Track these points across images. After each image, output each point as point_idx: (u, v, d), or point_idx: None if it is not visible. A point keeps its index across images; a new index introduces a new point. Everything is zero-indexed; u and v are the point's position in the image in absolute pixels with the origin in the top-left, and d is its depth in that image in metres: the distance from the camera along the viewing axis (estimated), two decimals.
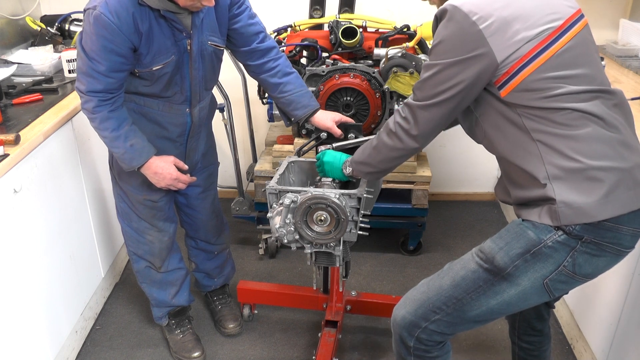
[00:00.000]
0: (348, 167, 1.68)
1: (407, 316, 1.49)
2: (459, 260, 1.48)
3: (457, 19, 1.29)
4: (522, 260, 1.34)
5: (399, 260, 2.90)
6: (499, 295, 1.39)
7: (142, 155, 1.84)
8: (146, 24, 1.67)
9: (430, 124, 1.41)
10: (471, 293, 1.41)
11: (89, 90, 1.72)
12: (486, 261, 1.39)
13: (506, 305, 1.40)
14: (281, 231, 1.67)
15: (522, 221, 1.37)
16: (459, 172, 3.40)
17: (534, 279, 1.35)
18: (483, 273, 1.39)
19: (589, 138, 1.29)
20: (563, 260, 1.32)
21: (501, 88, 1.31)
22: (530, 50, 1.27)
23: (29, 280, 1.91)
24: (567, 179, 1.29)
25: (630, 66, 2.63)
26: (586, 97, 1.30)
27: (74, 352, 2.28)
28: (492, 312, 1.42)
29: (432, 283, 1.49)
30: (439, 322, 1.45)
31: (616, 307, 1.91)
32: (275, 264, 2.90)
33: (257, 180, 2.70)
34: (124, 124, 1.79)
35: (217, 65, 1.95)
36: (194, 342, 2.30)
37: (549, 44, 1.28)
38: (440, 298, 1.44)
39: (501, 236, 1.40)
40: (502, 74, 1.30)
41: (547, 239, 1.31)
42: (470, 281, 1.41)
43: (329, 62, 2.46)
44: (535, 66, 1.28)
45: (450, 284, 1.44)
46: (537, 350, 1.82)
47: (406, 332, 1.49)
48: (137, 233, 2.13)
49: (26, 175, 1.88)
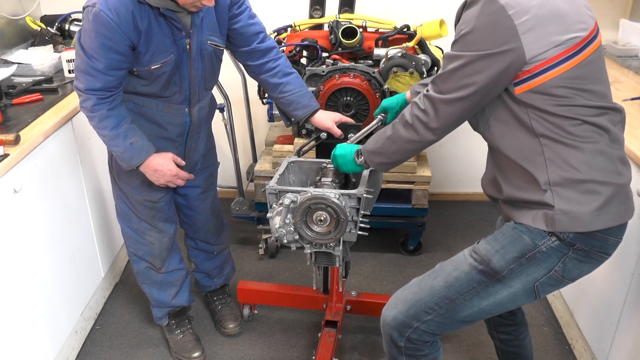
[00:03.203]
0: (360, 156, 1.61)
1: (398, 316, 1.50)
2: (450, 260, 1.49)
3: (492, 10, 1.25)
4: (518, 264, 1.38)
5: (399, 260, 2.90)
6: (491, 297, 1.42)
7: (142, 154, 1.84)
8: (145, 22, 1.67)
9: (452, 118, 1.37)
10: (464, 294, 1.43)
11: (88, 89, 1.72)
12: (481, 262, 1.41)
13: (496, 306, 1.44)
14: (281, 231, 1.67)
15: (515, 225, 1.40)
16: (459, 172, 3.40)
17: (526, 281, 1.39)
18: (477, 275, 1.41)
19: (595, 152, 1.32)
20: (555, 265, 1.38)
21: (517, 85, 1.30)
22: (557, 55, 1.26)
23: (29, 281, 1.91)
24: (567, 188, 1.32)
25: (630, 66, 2.63)
26: (597, 112, 1.32)
27: (74, 352, 2.29)
28: (482, 312, 1.45)
29: (423, 283, 1.50)
30: (430, 322, 1.47)
31: (616, 307, 1.91)
32: (275, 264, 2.90)
33: (257, 180, 2.70)
34: (123, 122, 1.79)
35: (217, 65, 1.95)
36: (194, 342, 2.30)
37: (575, 52, 1.27)
38: (433, 298, 1.46)
39: (496, 239, 1.42)
40: (523, 71, 1.28)
41: (542, 244, 1.36)
42: (464, 282, 1.43)
43: (329, 62, 2.46)
44: (559, 72, 1.27)
45: (443, 284, 1.45)
46: (516, 339, 1.84)
47: (397, 333, 1.50)
48: (137, 234, 2.13)
49: (26, 175, 1.88)
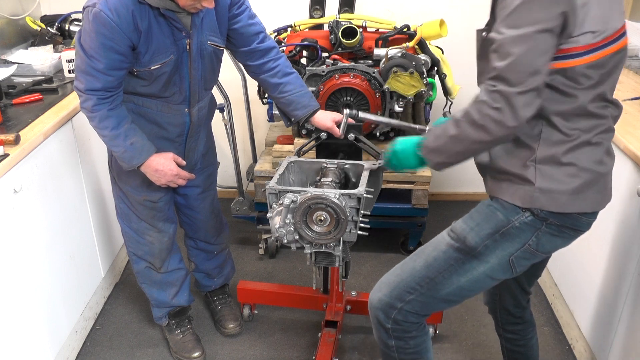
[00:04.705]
0: (422, 150, 1.46)
1: (383, 298, 1.54)
2: (430, 242, 1.54)
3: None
4: (492, 240, 1.42)
5: (399, 260, 2.83)
6: (468, 273, 1.46)
7: (143, 154, 1.84)
8: (145, 22, 1.67)
9: (531, 109, 1.25)
10: (443, 272, 1.47)
11: (88, 89, 1.71)
12: (457, 240, 1.46)
13: (474, 282, 1.47)
14: (281, 231, 1.67)
15: (490, 202, 1.45)
16: (459, 172, 3.37)
17: (501, 256, 1.43)
18: (454, 252, 1.46)
19: (588, 142, 1.35)
20: (528, 239, 1.41)
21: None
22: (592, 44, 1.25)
23: (29, 280, 1.91)
24: (550, 167, 1.35)
25: (630, 66, 2.63)
26: (604, 105, 1.35)
27: (74, 352, 2.29)
28: (462, 289, 1.49)
29: (405, 266, 1.55)
30: (414, 302, 1.51)
31: (616, 307, 1.91)
32: (275, 264, 2.90)
33: (257, 180, 2.70)
34: (123, 122, 1.79)
35: (217, 65, 1.95)
36: (194, 342, 2.29)
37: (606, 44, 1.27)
38: (414, 279, 1.50)
39: (472, 217, 1.47)
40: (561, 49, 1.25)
41: (515, 220, 1.40)
42: (442, 261, 1.47)
43: (329, 62, 2.46)
44: (586, 60, 1.26)
45: (423, 264, 1.50)
46: (523, 339, 1.86)
47: (383, 314, 1.54)
48: (136, 234, 2.13)
49: (26, 175, 1.88)
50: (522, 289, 1.75)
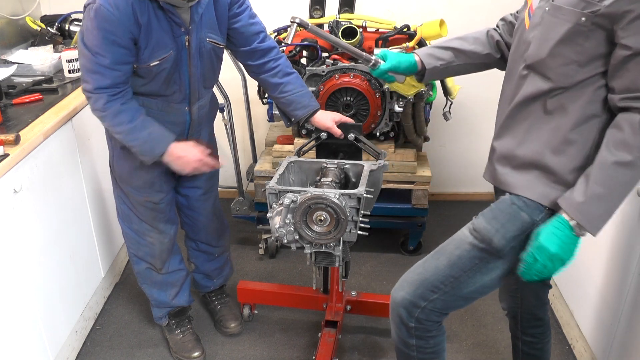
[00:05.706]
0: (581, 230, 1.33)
1: (406, 297, 1.52)
2: (451, 239, 1.52)
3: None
4: (518, 242, 1.42)
5: (399, 260, 2.90)
6: (492, 272, 1.46)
7: (163, 141, 1.81)
8: (145, 16, 1.67)
9: None
10: (467, 271, 1.46)
11: (97, 87, 1.70)
12: (482, 241, 1.44)
13: (496, 281, 1.48)
14: (281, 231, 1.67)
15: (512, 200, 1.43)
16: (459, 172, 3.40)
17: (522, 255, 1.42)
18: (479, 252, 1.45)
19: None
20: None
21: None
22: None
23: (29, 280, 1.91)
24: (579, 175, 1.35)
25: None
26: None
27: (74, 352, 2.28)
28: (484, 287, 1.49)
29: (427, 264, 1.53)
30: (437, 300, 1.50)
31: (616, 307, 1.91)
32: (275, 264, 2.90)
33: (257, 180, 2.70)
34: (137, 115, 1.77)
35: (217, 64, 1.95)
36: (194, 342, 2.30)
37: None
38: (438, 277, 1.49)
39: (495, 217, 1.45)
40: None
41: (539, 219, 1.40)
42: (467, 260, 1.46)
43: (329, 62, 2.46)
44: None
45: (446, 263, 1.48)
46: (540, 342, 1.85)
47: (406, 313, 1.52)
48: (137, 235, 2.13)
49: (26, 175, 1.88)
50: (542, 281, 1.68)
